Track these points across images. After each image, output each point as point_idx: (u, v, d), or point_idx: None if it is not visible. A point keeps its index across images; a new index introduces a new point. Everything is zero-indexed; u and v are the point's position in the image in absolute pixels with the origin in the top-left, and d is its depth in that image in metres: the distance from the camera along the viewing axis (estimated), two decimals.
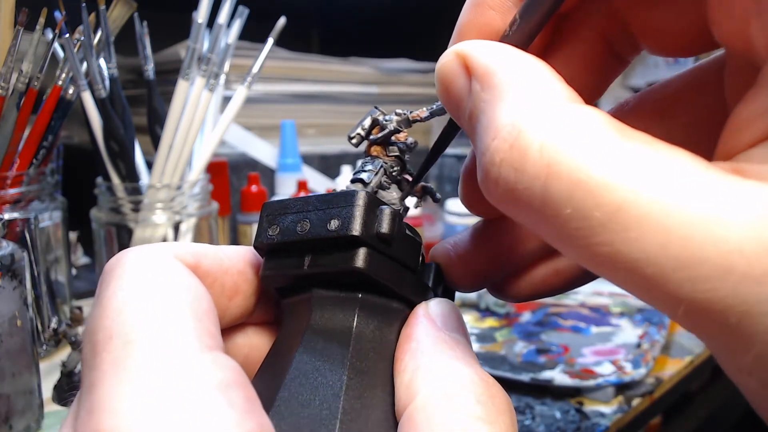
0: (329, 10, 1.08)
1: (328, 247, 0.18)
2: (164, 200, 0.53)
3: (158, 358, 0.13)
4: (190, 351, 0.13)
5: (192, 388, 0.13)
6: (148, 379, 0.13)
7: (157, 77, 0.55)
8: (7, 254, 0.36)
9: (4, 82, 0.45)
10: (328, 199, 0.18)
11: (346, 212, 0.17)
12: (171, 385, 0.13)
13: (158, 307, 0.14)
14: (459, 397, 0.15)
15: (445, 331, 0.17)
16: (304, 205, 0.18)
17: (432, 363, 0.16)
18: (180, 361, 0.13)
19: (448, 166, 0.88)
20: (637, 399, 0.46)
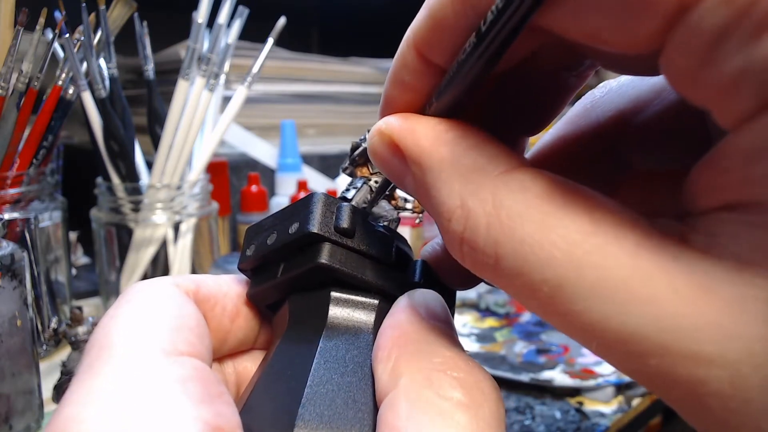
0: (329, 10, 1.08)
1: (294, 251, 0.18)
2: (164, 200, 0.53)
3: (125, 360, 0.15)
4: (155, 353, 0.15)
5: (151, 382, 0.14)
6: (113, 375, 0.14)
7: (157, 77, 0.55)
8: (7, 254, 0.36)
9: (4, 82, 0.45)
10: (290, 209, 0.19)
11: (304, 214, 0.18)
12: (132, 379, 0.14)
13: (139, 320, 0.16)
14: (441, 382, 0.15)
15: (429, 320, 0.17)
16: (273, 220, 0.19)
17: (415, 350, 0.16)
18: (144, 360, 0.15)
19: None
20: (637, 399, 0.46)
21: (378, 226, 0.20)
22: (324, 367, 0.16)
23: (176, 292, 0.18)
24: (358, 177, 0.22)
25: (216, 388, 0.15)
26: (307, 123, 0.85)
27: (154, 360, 0.15)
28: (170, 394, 0.14)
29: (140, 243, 0.54)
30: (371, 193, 0.21)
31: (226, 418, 0.14)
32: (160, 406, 0.14)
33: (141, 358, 0.15)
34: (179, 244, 0.55)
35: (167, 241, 0.54)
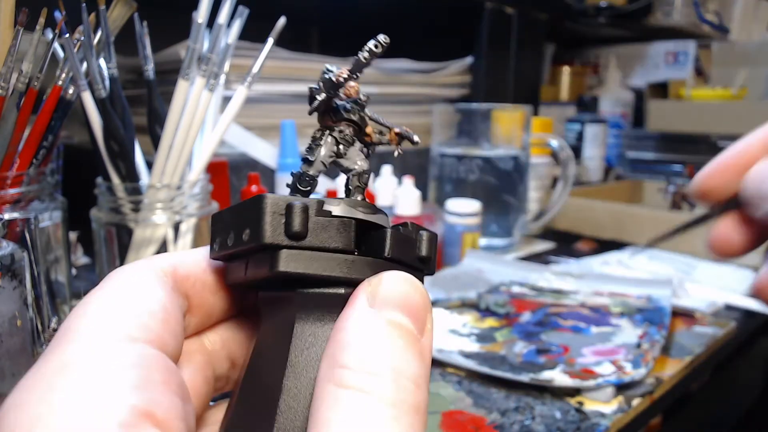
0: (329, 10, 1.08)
1: (253, 253, 0.18)
2: (164, 200, 0.53)
3: (76, 346, 0.15)
4: (106, 340, 0.15)
5: (92, 368, 0.14)
6: (59, 360, 0.15)
7: (157, 77, 0.55)
8: (7, 254, 0.36)
9: (4, 82, 0.45)
10: (241, 209, 0.18)
11: (254, 221, 0.18)
12: (75, 365, 0.15)
13: (101, 307, 0.16)
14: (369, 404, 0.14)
15: (382, 313, 0.16)
16: (231, 216, 0.19)
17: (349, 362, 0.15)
18: (93, 346, 0.15)
19: (448, 165, 0.88)
20: (637, 399, 0.46)
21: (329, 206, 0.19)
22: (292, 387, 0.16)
23: (149, 276, 0.18)
24: (322, 128, 0.21)
25: (161, 376, 0.15)
26: (307, 123, 0.85)
27: (103, 346, 0.15)
28: (106, 380, 0.14)
29: (140, 243, 0.54)
30: (337, 144, 0.21)
31: (162, 406, 0.14)
32: (93, 391, 0.14)
33: (91, 344, 0.15)
34: (179, 244, 0.55)
35: (167, 241, 0.54)
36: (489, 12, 1.00)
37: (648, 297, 0.65)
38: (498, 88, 1.05)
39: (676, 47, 1.44)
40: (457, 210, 0.80)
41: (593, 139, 1.26)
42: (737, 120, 1.19)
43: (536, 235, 0.99)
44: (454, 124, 0.88)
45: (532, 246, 0.93)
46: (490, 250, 0.87)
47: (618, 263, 0.81)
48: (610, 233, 0.95)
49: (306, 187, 0.20)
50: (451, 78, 1.02)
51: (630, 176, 1.35)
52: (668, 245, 0.87)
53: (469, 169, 0.86)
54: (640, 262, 0.82)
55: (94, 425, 0.13)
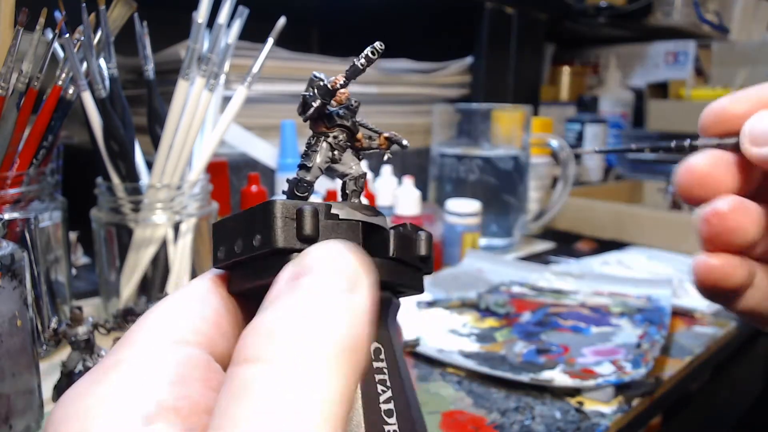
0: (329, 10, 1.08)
1: (263, 260, 0.18)
2: (164, 200, 0.53)
3: (131, 348, 0.16)
4: (159, 341, 0.16)
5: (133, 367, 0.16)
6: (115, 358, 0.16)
7: (157, 77, 0.55)
8: (7, 254, 0.36)
9: (4, 82, 0.45)
10: (250, 216, 0.18)
11: (265, 227, 0.18)
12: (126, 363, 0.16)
13: (161, 312, 0.18)
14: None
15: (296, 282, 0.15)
16: (237, 223, 0.19)
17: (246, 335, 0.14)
18: (145, 348, 0.16)
19: (448, 165, 0.88)
20: (637, 399, 0.46)
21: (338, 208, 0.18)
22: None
23: (205, 284, 0.19)
24: (315, 134, 0.21)
25: (201, 374, 0.16)
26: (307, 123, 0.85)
27: (153, 348, 0.16)
28: (146, 376, 0.15)
29: (140, 243, 0.54)
30: (332, 150, 0.21)
31: (190, 400, 0.15)
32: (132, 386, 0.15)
33: (143, 346, 0.16)
34: (179, 244, 0.55)
35: (167, 241, 0.54)
36: (489, 12, 1.00)
37: (648, 297, 0.65)
38: (498, 88, 1.05)
39: (676, 47, 1.44)
40: (457, 210, 0.80)
41: (593, 139, 1.26)
42: None
43: (536, 235, 0.99)
44: (454, 124, 0.88)
45: (532, 246, 0.93)
46: (490, 250, 0.87)
47: (618, 263, 0.81)
48: (610, 233, 0.95)
49: (303, 193, 0.20)
50: (451, 78, 1.02)
51: (630, 176, 1.35)
52: (668, 245, 0.87)
53: (469, 169, 0.86)
54: (640, 262, 0.82)
55: (122, 417, 0.14)
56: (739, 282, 0.23)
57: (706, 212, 0.22)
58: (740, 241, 0.22)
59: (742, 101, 0.23)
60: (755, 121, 0.23)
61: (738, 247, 0.23)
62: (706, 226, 0.22)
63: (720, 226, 0.22)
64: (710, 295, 0.24)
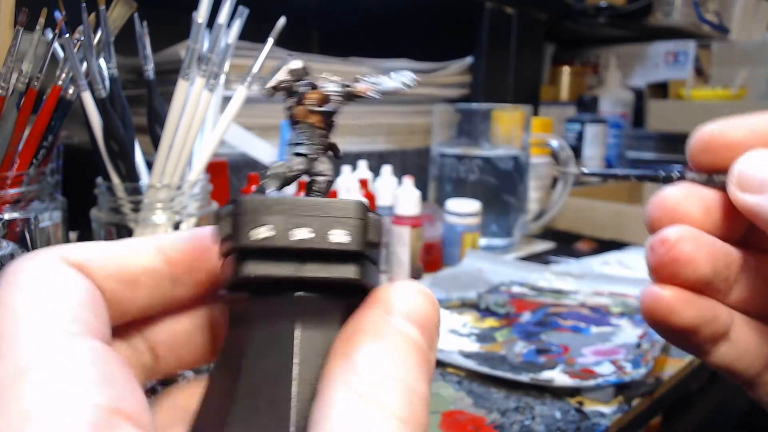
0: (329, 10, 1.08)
1: (323, 255, 0.17)
2: (164, 200, 0.53)
3: (15, 341, 0.14)
4: (47, 333, 0.14)
5: (43, 364, 0.13)
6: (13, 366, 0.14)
7: (157, 77, 0.55)
8: (7, 254, 0.35)
9: (4, 82, 0.45)
10: (325, 206, 0.17)
11: (351, 225, 0.17)
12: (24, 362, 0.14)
13: (27, 299, 0.15)
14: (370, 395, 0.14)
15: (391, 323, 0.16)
16: (297, 208, 0.17)
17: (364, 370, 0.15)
18: (36, 342, 0.14)
19: (448, 165, 0.88)
20: (637, 399, 0.46)
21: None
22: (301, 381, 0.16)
23: (63, 265, 0.17)
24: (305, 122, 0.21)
25: (118, 370, 0.15)
26: None
27: (47, 341, 0.14)
28: (64, 378, 0.13)
29: None
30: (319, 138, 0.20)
31: (128, 401, 0.14)
32: (53, 391, 0.13)
33: (32, 339, 0.14)
34: None
35: None
36: (489, 12, 1.00)
37: None
38: (498, 88, 1.05)
39: (676, 47, 1.44)
40: (457, 210, 0.80)
41: (593, 139, 1.26)
42: None
43: (536, 235, 0.99)
44: (454, 124, 0.88)
45: (532, 246, 0.93)
46: (490, 250, 0.87)
47: (618, 263, 0.81)
48: (610, 233, 0.95)
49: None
50: (451, 78, 1.02)
51: None
52: None
53: (469, 169, 0.86)
54: (640, 262, 0.82)
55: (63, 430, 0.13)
56: (693, 322, 0.21)
57: (653, 239, 0.21)
58: (690, 276, 0.21)
59: (735, 130, 0.22)
60: (744, 163, 0.21)
61: (688, 282, 0.21)
62: (651, 254, 0.21)
63: (665, 255, 0.21)
64: (664, 333, 0.22)
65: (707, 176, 0.22)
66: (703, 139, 0.22)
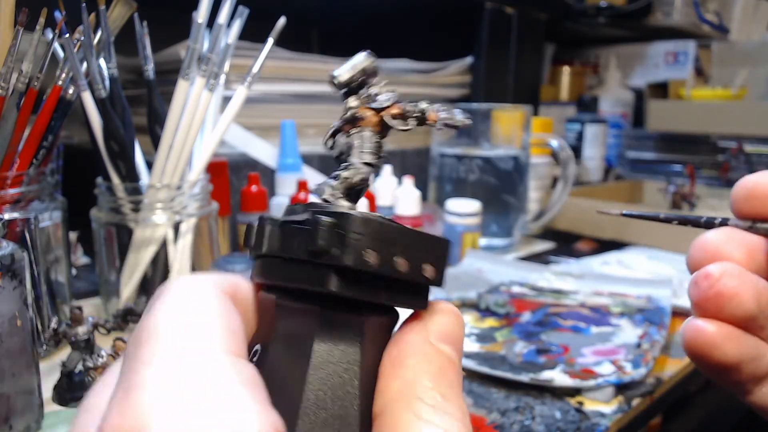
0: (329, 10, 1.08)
1: (405, 285, 0.18)
2: (164, 200, 0.53)
3: (190, 354, 0.14)
4: (215, 351, 0.15)
5: (219, 382, 0.14)
6: (179, 372, 0.14)
7: (157, 77, 0.55)
8: (7, 254, 0.36)
9: (4, 82, 0.45)
10: (422, 240, 0.18)
11: (440, 263, 0.18)
12: (199, 376, 0.14)
13: (194, 316, 0.16)
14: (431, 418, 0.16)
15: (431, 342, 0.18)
16: (400, 237, 0.18)
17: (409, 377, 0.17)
18: (207, 359, 0.14)
19: (448, 165, 0.88)
20: (637, 399, 0.46)
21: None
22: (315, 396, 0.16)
23: (217, 292, 0.17)
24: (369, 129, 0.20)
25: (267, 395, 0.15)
26: (307, 123, 0.85)
27: (217, 359, 0.14)
28: (240, 396, 0.14)
29: (140, 243, 0.54)
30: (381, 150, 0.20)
31: (280, 425, 0.14)
32: (233, 407, 0.13)
33: (203, 355, 0.14)
34: (179, 244, 0.55)
35: (167, 241, 0.54)
36: (489, 12, 1.00)
37: (648, 297, 0.65)
38: (498, 88, 1.05)
39: (676, 47, 1.44)
40: (457, 210, 0.80)
41: (593, 139, 1.26)
42: (737, 120, 1.19)
43: (536, 235, 0.99)
44: None
45: (532, 246, 0.93)
46: (490, 250, 0.87)
47: (618, 263, 0.81)
48: (610, 233, 0.95)
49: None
50: (451, 78, 1.02)
51: (630, 176, 1.35)
52: (668, 245, 0.87)
53: (469, 169, 0.87)
54: (640, 262, 0.82)
55: None
56: (736, 358, 0.21)
57: (697, 274, 0.21)
58: (734, 311, 0.21)
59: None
60: None
61: (733, 317, 0.21)
62: (694, 289, 0.21)
63: (710, 290, 0.21)
64: (705, 369, 0.22)
65: (750, 223, 0.22)
66: (746, 187, 0.22)
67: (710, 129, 1.23)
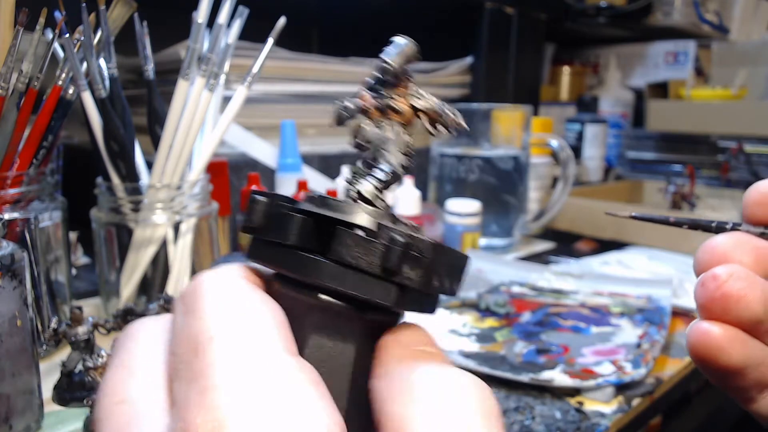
0: (329, 10, 1.08)
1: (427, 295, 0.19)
2: (164, 200, 0.53)
3: (256, 356, 0.15)
4: (281, 353, 0.15)
5: (287, 382, 0.14)
6: (250, 374, 0.14)
7: (157, 77, 0.55)
8: (7, 254, 0.36)
9: (4, 82, 0.45)
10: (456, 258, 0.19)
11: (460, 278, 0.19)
12: (269, 378, 0.14)
13: (245, 315, 0.16)
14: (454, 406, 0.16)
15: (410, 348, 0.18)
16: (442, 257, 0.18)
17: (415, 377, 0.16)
18: (273, 359, 0.15)
19: (448, 165, 0.88)
20: (637, 399, 0.46)
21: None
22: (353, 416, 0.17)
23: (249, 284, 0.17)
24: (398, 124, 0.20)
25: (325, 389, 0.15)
26: (307, 123, 0.85)
27: (282, 360, 0.15)
28: (310, 396, 0.14)
29: (140, 243, 0.54)
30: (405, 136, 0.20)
31: (343, 423, 0.15)
32: (306, 407, 0.14)
33: (268, 357, 0.15)
34: (179, 244, 0.55)
35: (167, 241, 0.54)
36: (489, 12, 1.00)
37: (648, 297, 0.65)
38: (498, 88, 1.05)
39: (676, 47, 1.44)
40: (457, 210, 0.80)
41: (593, 139, 1.26)
42: (737, 120, 1.19)
43: (536, 235, 0.99)
44: None
45: (532, 246, 0.93)
46: (490, 250, 0.87)
47: (618, 263, 0.81)
48: (610, 233, 0.95)
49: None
50: (451, 78, 1.02)
51: (630, 176, 1.35)
52: (668, 245, 0.87)
53: (469, 169, 0.86)
54: (640, 262, 0.82)
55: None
56: (741, 363, 0.20)
57: (704, 276, 0.21)
58: (741, 314, 0.20)
59: None
60: None
61: (739, 320, 0.20)
62: (701, 290, 0.21)
63: (717, 291, 0.20)
64: (709, 373, 0.21)
65: (762, 228, 0.22)
66: (759, 192, 0.22)
67: (710, 129, 1.23)
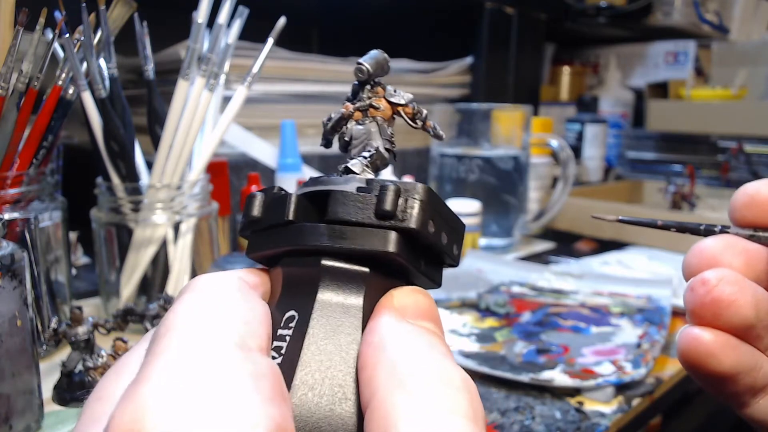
0: (329, 10, 1.08)
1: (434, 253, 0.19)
2: (164, 200, 0.53)
3: (199, 348, 0.15)
4: (226, 345, 0.15)
5: (222, 374, 0.14)
6: (185, 366, 0.14)
7: (157, 77, 0.55)
8: (7, 254, 0.36)
9: (4, 82, 0.45)
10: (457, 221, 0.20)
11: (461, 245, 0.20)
12: (204, 369, 0.14)
13: (208, 311, 0.16)
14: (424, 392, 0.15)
15: (409, 321, 0.17)
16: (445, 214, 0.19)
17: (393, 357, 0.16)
18: (215, 351, 0.15)
19: (448, 165, 0.88)
20: (637, 399, 0.46)
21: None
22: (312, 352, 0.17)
23: (241, 284, 0.18)
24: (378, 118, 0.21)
25: (282, 388, 0.15)
26: (307, 123, 0.85)
27: (226, 352, 0.15)
28: (242, 389, 0.14)
29: (140, 243, 0.54)
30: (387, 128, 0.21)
31: (289, 421, 0.14)
32: (231, 400, 0.13)
33: (212, 349, 0.15)
34: (179, 244, 0.55)
35: (167, 241, 0.54)
36: (489, 12, 1.00)
37: (648, 297, 0.65)
38: (498, 88, 1.05)
39: (676, 47, 1.44)
40: (457, 210, 0.80)
41: (593, 139, 1.26)
42: (737, 120, 1.19)
43: (536, 235, 0.99)
44: (454, 124, 0.88)
45: (532, 246, 0.93)
46: (490, 250, 0.87)
47: (618, 263, 0.81)
48: (610, 233, 0.95)
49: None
50: (451, 78, 1.02)
51: (630, 176, 1.35)
52: (668, 245, 0.87)
53: (469, 169, 0.86)
54: (640, 262, 0.82)
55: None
56: (732, 369, 0.20)
57: (693, 280, 0.20)
58: (731, 318, 0.20)
59: None
60: None
61: (730, 325, 0.20)
62: (690, 295, 0.20)
63: (706, 296, 0.20)
64: (700, 379, 0.21)
65: (751, 231, 0.22)
66: (747, 194, 0.22)
67: (710, 129, 1.23)
